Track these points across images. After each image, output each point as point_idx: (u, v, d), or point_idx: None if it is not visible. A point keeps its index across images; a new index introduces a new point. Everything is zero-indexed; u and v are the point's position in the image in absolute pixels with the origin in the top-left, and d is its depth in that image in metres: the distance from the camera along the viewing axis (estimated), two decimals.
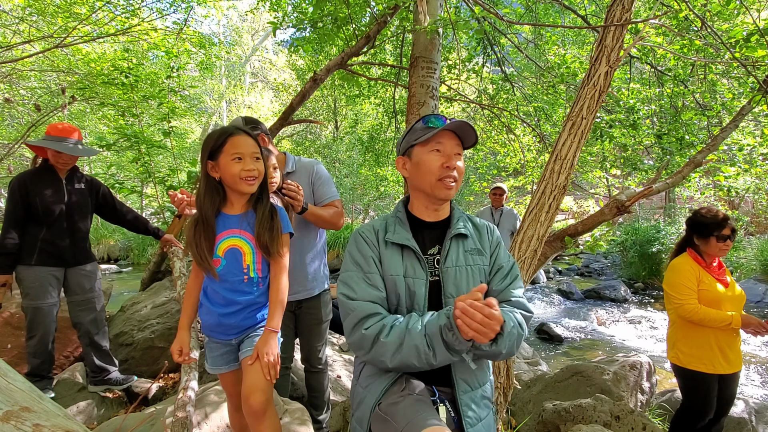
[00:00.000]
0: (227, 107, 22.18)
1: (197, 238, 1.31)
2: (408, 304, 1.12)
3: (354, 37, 3.91)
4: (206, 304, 1.39)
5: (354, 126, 9.46)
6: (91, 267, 2.57)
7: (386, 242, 1.16)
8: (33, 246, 2.33)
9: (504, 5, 5.07)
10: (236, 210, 1.37)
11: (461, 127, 1.14)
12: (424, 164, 1.14)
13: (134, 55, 5.95)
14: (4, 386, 1.18)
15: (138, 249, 10.38)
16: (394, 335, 1.01)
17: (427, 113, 2.83)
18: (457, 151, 1.15)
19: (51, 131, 2.32)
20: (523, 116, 5.20)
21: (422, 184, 1.16)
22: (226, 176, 1.31)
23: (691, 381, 2.15)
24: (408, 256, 1.14)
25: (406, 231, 1.16)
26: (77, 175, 2.50)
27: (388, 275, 1.13)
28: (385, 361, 1.02)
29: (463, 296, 0.93)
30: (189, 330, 1.45)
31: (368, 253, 1.15)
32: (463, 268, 1.15)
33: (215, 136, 1.31)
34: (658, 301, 7.16)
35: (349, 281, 1.13)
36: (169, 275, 3.92)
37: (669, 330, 2.29)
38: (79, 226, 2.48)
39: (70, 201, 2.42)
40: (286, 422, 1.86)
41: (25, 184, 2.29)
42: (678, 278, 2.14)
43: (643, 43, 3.53)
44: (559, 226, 5.20)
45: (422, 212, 1.21)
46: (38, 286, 2.32)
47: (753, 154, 3.96)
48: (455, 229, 1.18)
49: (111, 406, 2.53)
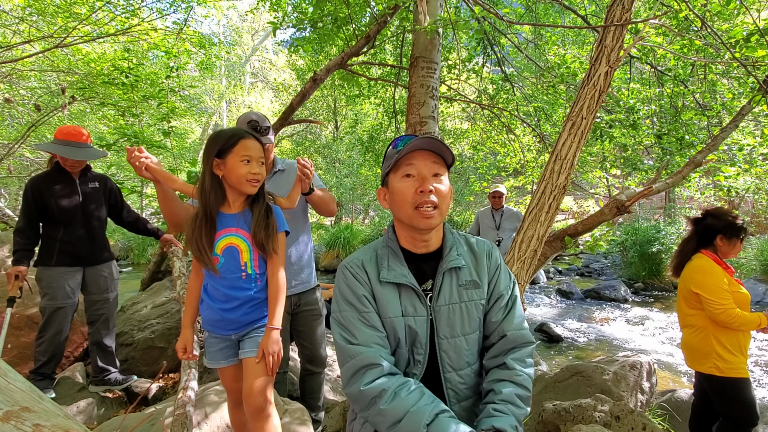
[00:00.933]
0: (227, 107, 22.18)
1: (197, 234, 1.33)
2: (409, 342, 1.03)
3: (354, 37, 3.91)
4: (207, 300, 1.42)
5: (354, 126, 9.47)
6: (108, 266, 2.60)
7: (380, 281, 1.03)
8: (52, 247, 2.37)
9: (504, 5, 5.07)
10: (233, 209, 1.41)
11: (430, 144, 1.00)
12: (398, 193, 1.02)
13: (134, 55, 5.94)
14: (4, 386, 1.18)
15: (138, 249, 10.39)
16: (395, 407, 0.90)
17: (428, 113, 2.83)
18: (435, 171, 1.01)
19: (58, 135, 2.35)
20: (523, 116, 5.20)
21: (400, 216, 1.04)
22: (232, 176, 1.34)
23: (736, 390, 2.03)
24: (406, 294, 1.04)
25: (402, 265, 1.04)
26: (90, 174, 2.54)
27: (386, 318, 1.02)
28: (380, 428, 0.93)
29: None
30: (192, 328, 1.48)
31: (360, 291, 1.03)
32: (457, 306, 1.04)
33: (226, 136, 1.34)
34: (658, 301, 7.16)
35: (346, 323, 1.02)
36: (169, 275, 3.92)
37: (695, 338, 2.13)
38: (94, 224, 2.51)
39: (85, 200, 2.45)
40: (286, 422, 1.86)
41: (38, 187, 2.32)
42: (715, 281, 2.02)
43: (643, 43, 3.53)
44: (559, 226, 5.20)
45: (409, 245, 1.08)
46: (57, 287, 2.35)
47: (753, 154, 3.96)
48: (448, 262, 1.05)
49: (111, 406, 2.53)
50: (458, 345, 1.04)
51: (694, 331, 2.15)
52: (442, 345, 1.03)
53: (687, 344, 2.20)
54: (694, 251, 2.18)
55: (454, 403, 1.04)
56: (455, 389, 1.04)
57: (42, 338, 2.36)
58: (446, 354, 1.03)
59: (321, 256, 10.53)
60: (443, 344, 1.03)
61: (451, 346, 1.04)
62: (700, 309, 2.12)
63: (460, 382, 1.05)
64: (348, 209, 15.32)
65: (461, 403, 1.05)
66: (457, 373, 1.04)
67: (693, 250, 2.19)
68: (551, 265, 10.67)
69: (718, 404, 2.13)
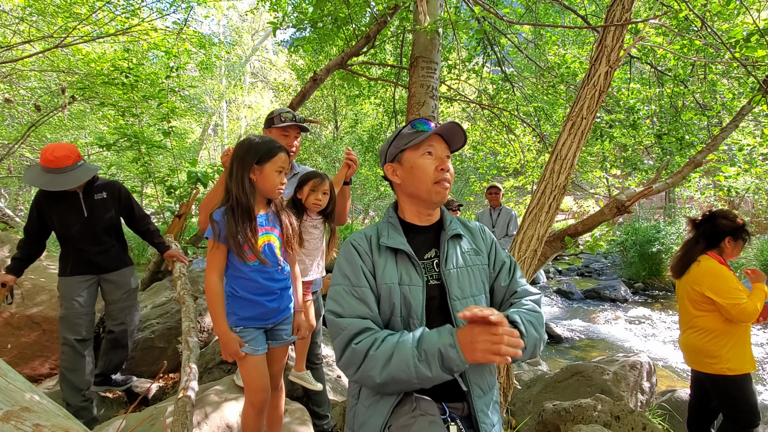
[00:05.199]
0: (227, 107, 22.18)
1: (243, 233, 1.45)
2: (404, 313, 1.06)
3: (354, 37, 3.91)
4: (247, 296, 1.53)
5: (354, 126, 9.47)
6: (121, 274, 2.52)
7: (380, 247, 1.11)
8: (66, 257, 2.37)
9: (504, 5, 5.07)
10: (260, 210, 1.55)
11: (451, 130, 1.12)
12: (419, 168, 1.11)
13: (134, 55, 5.94)
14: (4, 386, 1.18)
15: (138, 249, 10.38)
16: (385, 347, 0.96)
17: (427, 113, 2.83)
18: (446, 154, 1.14)
19: (42, 160, 2.17)
20: (523, 116, 5.21)
21: (417, 189, 1.12)
22: (266, 183, 1.49)
23: (741, 391, 2.05)
24: (403, 262, 1.10)
25: (400, 235, 1.12)
26: (96, 186, 2.42)
27: (382, 284, 1.07)
28: (373, 377, 0.95)
29: (470, 314, 0.88)
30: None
31: (358, 263, 1.09)
32: (464, 269, 1.13)
33: (269, 146, 1.49)
34: (658, 301, 7.17)
35: (337, 297, 1.07)
36: (169, 275, 3.92)
37: (703, 340, 2.12)
38: (102, 236, 2.42)
39: (92, 215, 2.36)
40: (287, 422, 1.86)
41: (40, 203, 2.28)
42: (727, 282, 2.03)
43: (643, 43, 3.53)
44: (559, 226, 5.20)
45: (414, 218, 1.18)
46: (68, 296, 2.33)
47: (753, 154, 3.97)
48: (451, 231, 1.16)
49: (111, 406, 2.53)
50: (470, 305, 1.05)
51: (701, 333, 2.14)
52: (455, 306, 1.07)
53: (691, 345, 2.19)
54: (702, 253, 2.16)
55: (469, 370, 1.06)
56: None
57: (62, 348, 2.32)
58: None
59: None
60: (456, 305, 1.07)
61: (464, 306, 1.07)
62: (709, 311, 2.10)
63: None
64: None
65: (474, 367, 1.06)
66: None
67: (701, 251, 2.17)
68: (551, 265, 10.67)
69: (722, 405, 2.12)
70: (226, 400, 1.94)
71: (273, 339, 1.63)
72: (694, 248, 2.20)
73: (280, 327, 1.64)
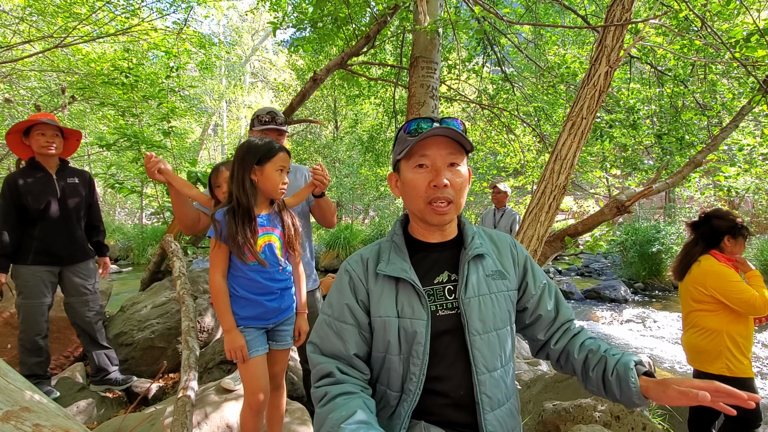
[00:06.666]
0: (227, 107, 22.19)
1: (243, 233, 1.45)
2: (404, 351, 0.90)
3: (354, 37, 3.91)
4: (247, 296, 1.53)
5: (354, 126, 9.47)
6: (86, 266, 2.52)
7: (377, 274, 0.94)
8: (29, 245, 2.33)
9: (504, 5, 5.07)
10: (261, 210, 1.56)
11: (447, 132, 0.88)
12: (409, 185, 0.92)
13: (134, 55, 5.95)
14: (4, 386, 1.18)
15: (138, 249, 10.39)
16: (324, 409, 0.84)
17: (427, 113, 2.83)
18: (450, 161, 0.90)
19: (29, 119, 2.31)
20: (523, 116, 5.21)
21: (412, 209, 0.95)
22: (268, 183, 1.49)
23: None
24: (405, 291, 0.92)
25: (403, 260, 0.94)
26: (68, 169, 2.47)
27: (376, 317, 0.92)
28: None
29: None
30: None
31: (345, 294, 0.95)
32: (487, 297, 0.93)
33: (268, 146, 1.49)
34: (658, 301, 7.16)
35: (319, 329, 0.96)
36: (169, 275, 3.92)
37: (705, 340, 2.12)
38: (74, 221, 2.45)
39: (63, 196, 2.39)
40: (287, 422, 1.86)
41: (15, 183, 2.28)
42: (729, 282, 2.03)
43: (643, 43, 3.53)
44: (559, 226, 5.20)
45: (424, 234, 0.99)
46: (32, 285, 2.32)
47: (753, 154, 3.97)
48: (472, 250, 0.95)
49: (111, 406, 2.53)
50: (491, 342, 0.92)
51: (703, 333, 2.15)
52: (475, 343, 0.90)
53: (694, 345, 2.19)
54: (701, 254, 2.17)
55: (487, 411, 0.90)
56: (489, 394, 0.90)
57: (23, 338, 2.33)
58: (480, 353, 0.90)
59: (321, 256, 10.56)
60: (476, 342, 0.90)
61: (485, 343, 0.91)
62: (711, 311, 2.11)
63: (494, 386, 0.91)
64: (348, 209, 15.33)
65: (495, 411, 0.91)
66: (491, 375, 0.91)
67: (701, 252, 2.17)
68: (551, 265, 10.67)
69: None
70: (226, 400, 1.94)
71: (274, 340, 1.62)
72: (693, 250, 2.22)
73: (282, 327, 1.63)
